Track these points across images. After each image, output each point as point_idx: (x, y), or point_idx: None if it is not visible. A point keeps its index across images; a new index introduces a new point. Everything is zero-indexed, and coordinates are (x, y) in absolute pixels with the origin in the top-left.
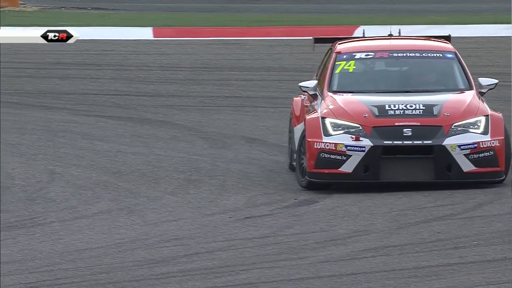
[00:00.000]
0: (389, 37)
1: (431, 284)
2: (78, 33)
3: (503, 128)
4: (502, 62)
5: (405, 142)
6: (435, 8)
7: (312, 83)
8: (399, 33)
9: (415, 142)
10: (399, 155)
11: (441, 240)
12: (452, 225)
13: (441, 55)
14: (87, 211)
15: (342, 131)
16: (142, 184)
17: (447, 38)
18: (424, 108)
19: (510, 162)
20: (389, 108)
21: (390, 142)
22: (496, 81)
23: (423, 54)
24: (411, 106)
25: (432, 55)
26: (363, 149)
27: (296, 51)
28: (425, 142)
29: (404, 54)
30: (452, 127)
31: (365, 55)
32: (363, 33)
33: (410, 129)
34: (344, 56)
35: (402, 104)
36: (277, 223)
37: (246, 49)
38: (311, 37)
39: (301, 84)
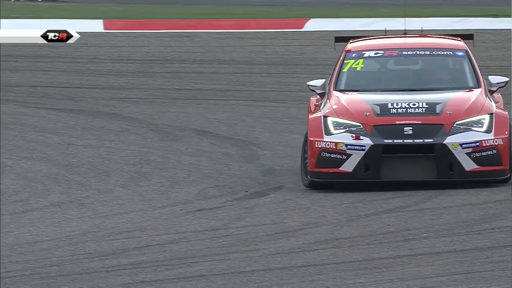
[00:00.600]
0: (403, 35)
1: (381, 276)
2: (29, 25)
3: (508, 127)
4: (501, 56)
5: (405, 140)
6: (390, 1)
7: (319, 82)
8: (421, 31)
9: (415, 140)
10: (399, 154)
11: (391, 232)
12: (402, 217)
13: (451, 53)
14: (38, 203)
15: (344, 130)
16: (92, 176)
17: (470, 37)
18: (427, 106)
19: None
20: (392, 107)
21: (391, 140)
22: (507, 79)
23: (433, 52)
24: (414, 105)
25: (442, 53)
26: (363, 148)
27: (247, 44)
28: (426, 140)
29: (414, 52)
30: (454, 125)
31: (374, 54)
32: (385, 31)
33: (411, 128)
34: (353, 55)
35: (405, 103)
36: (228, 215)
37: (196, 42)
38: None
39: (309, 83)
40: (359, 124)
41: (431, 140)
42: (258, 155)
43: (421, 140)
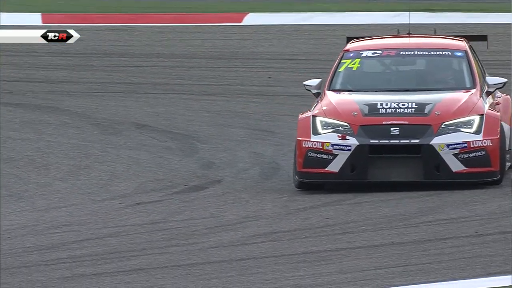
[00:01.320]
0: (407, 35)
1: (320, 268)
2: None
3: (498, 128)
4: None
5: (392, 141)
6: None
7: (315, 81)
8: (435, 32)
9: (402, 141)
10: (386, 155)
11: (329, 226)
12: (341, 211)
13: (449, 54)
14: None
15: (331, 130)
16: (31, 170)
17: (484, 38)
18: (416, 107)
19: (505, 162)
20: (381, 107)
21: (377, 141)
22: (505, 80)
23: (432, 53)
24: (403, 105)
25: (441, 53)
26: (349, 148)
27: (186, 38)
28: (412, 141)
29: (412, 52)
30: (442, 126)
31: (372, 53)
32: (398, 32)
33: (397, 128)
34: (351, 54)
35: (394, 103)
36: (167, 209)
37: (136, 35)
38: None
39: (305, 82)
40: (346, 124)
41: (418, 140)
42: (197, 149)
43: (408, 141)
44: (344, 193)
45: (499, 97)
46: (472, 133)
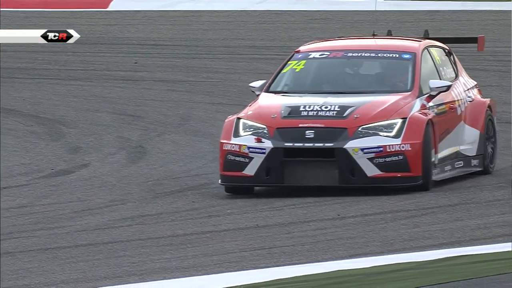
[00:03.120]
0: (372, 37)
1: (186, 251)
2: None
3: (422, 132)
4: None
5: (306, 144)
6: None
7: (259, 83)
8: (428, 33)
9: (316, 144)
10: (301, 158)
11: (195, 209)
12: (207, 194)
13: (396, 56)
14: None
15: (250, 132)
16: None
17: (474, 40)
18: (338, 109)
19: (430, 167)
20: (303, 109)
21: (291, 144)
22: (448, 83)
23: (378, 55)
24: (326, 108)
25: (388, 55)
26: (264, 151)
27: (52, 23)
28: (326, 144)
29: (358, 54)
30: (359, 129)
31: (319, 55)
32: (391, 32)
33: (312, 131)
34: (299, 56)
35: (318, 106)
36: (34, 193)
37: (1, 20)
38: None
39: (251, 84)
40: (264, 126)
41: (332, 144)
42: (63, 133)
43: (322, 144)
44: (209, 177)
45: (470, 101)
46: (391, 137)
